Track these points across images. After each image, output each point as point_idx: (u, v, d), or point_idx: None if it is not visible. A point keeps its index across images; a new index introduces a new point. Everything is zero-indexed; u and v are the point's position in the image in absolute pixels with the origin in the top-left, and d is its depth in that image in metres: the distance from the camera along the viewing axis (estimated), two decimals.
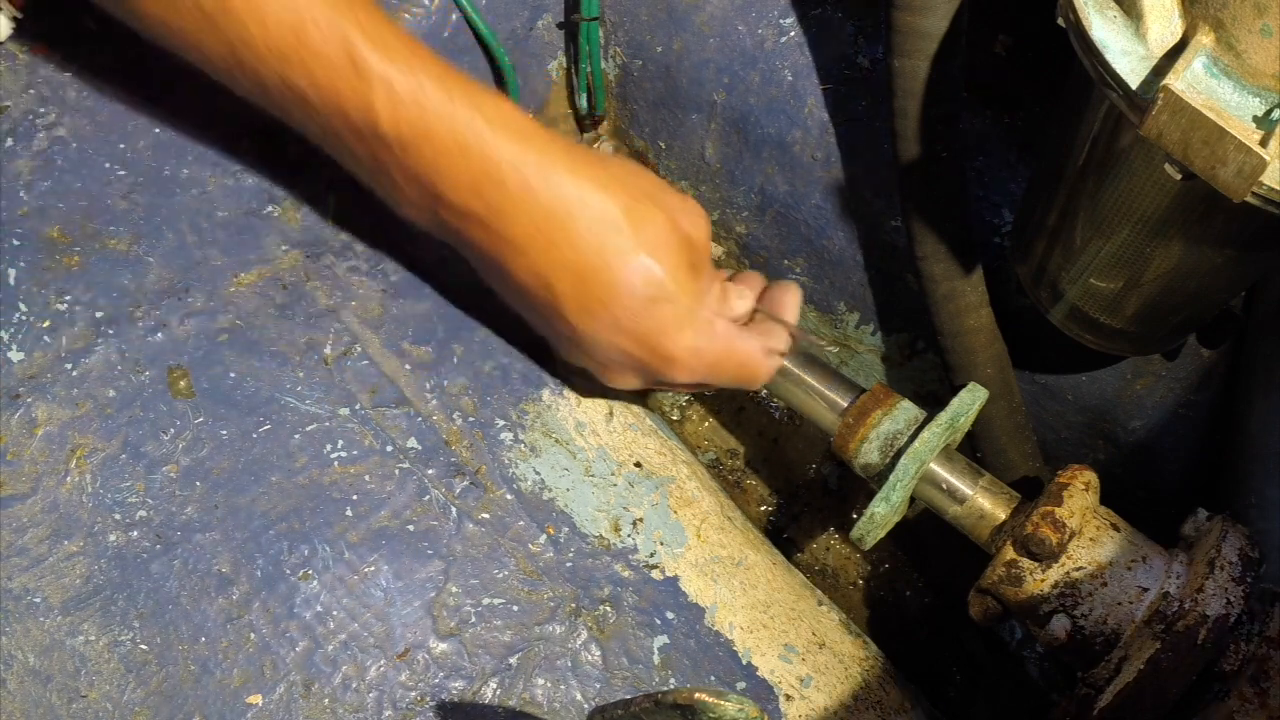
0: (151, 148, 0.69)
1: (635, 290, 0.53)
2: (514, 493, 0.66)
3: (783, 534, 0.96)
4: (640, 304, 0.53)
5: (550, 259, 0.52)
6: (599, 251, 0.52)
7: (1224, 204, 0.50)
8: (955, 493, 0.69)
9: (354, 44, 0.48)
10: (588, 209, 0.51)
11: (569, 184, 0.51)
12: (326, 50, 0.48)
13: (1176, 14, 0.52)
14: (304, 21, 0.48)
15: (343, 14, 0.48)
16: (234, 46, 0.50)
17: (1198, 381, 0.80)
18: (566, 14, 0.87)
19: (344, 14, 0.48)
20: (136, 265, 0.66)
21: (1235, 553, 0.60)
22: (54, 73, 0.70)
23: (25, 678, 0.56)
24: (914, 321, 0.88)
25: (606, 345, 0.56)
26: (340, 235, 0.71)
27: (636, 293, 0.53)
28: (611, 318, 0.54)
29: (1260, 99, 0.49)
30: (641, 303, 0.53)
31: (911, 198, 0.74)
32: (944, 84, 0.68)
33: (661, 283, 0.54)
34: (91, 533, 0.59)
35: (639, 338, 0.55)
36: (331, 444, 0.64)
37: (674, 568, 0.67)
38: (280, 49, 0.49)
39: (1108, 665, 0.61)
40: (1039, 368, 0.84)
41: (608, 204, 0.52)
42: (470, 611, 0.62)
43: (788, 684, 0.65)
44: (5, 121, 0.67)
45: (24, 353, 0.62)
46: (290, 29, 0.48)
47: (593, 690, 0.62)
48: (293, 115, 0.53)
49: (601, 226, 0.52)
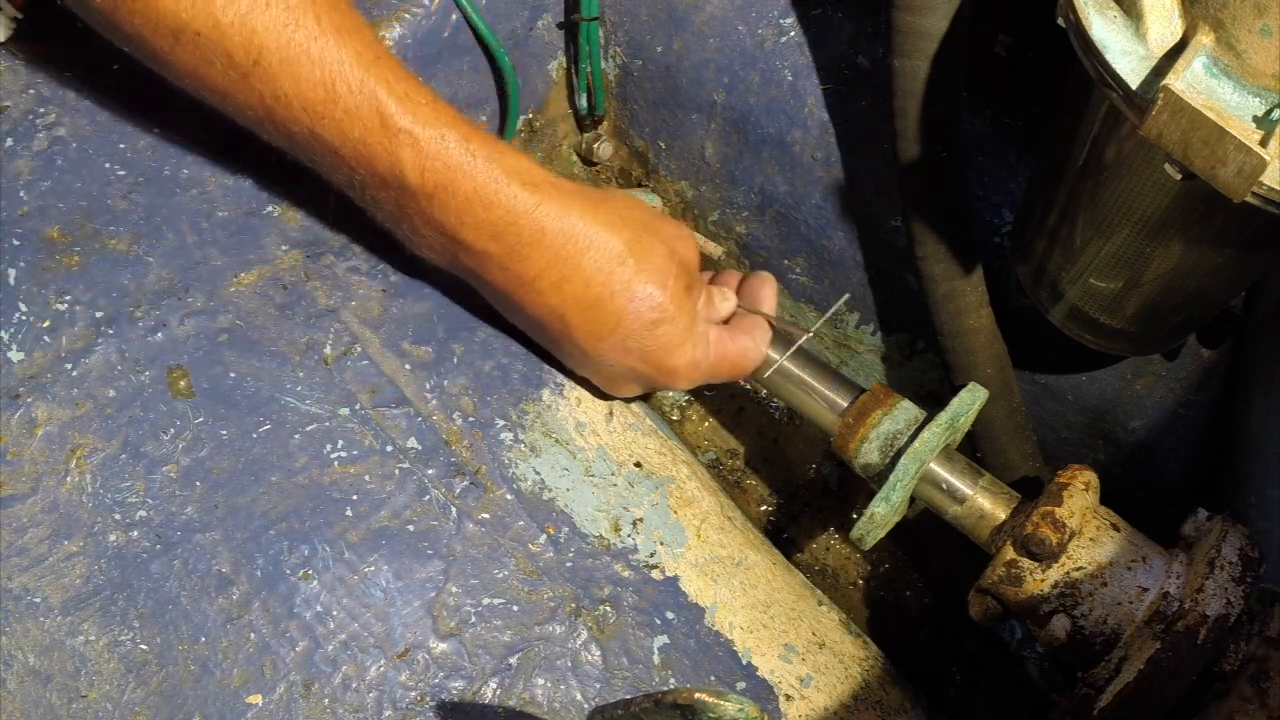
0: (151, 148, 0.69)
1: (640, 316, 0.58)
2: (514, 493, 0.66)
3: (783, 534, 0.96)
4: (644, 327, 0.58)
5: (562, 293, 0.57)
6: (606, 283, 0.57)
7: (1224, 204, 0.50)
8: (955, 493, 0.69)
9: (383, 102, 0.52)
10: (594, 247, 0.56)
11: (579, 225, 0.56)
12: (357, 107, 0.52)
13: (1176, 14, 0.52)
14: (335, 80, 0.51)
15: (373, 74, 0.52)
16: (265, 100, 0.53)
17: (1198, 381, 0.80)
18: (566, 14, 0.87)
19: (374, 74, 0.52)
20: (136, 265, 0.66)
21: (1235, 553, 0.60)
22: (54, 73, 0.70)
23: (25, 678, 0.56)
24: (914, 321, 0.88)
25: (613, 364, 0.61)
26: (340, 235, 0.71)
27: (641, 318, 0.58)
28: (619, 340, 0.59)
29: (1260, 99, 0.49)
30: (646, 325, 0.58)
31: (911, 198, 0.74)
32: (944, 84, 0.68)
33: (663, 306, 0.59)
34: (91, 533, 0.59)
35: (644, 356, 0.60)
36: (331, 444, 0.64)
37: (674, 568, 0.67)
38: (312, 105, 0.52)
39: (1108, 665, 0.61)
40: (1039, 368, 0.84)
41: (613, 240, 0.57)
42: (470, 611, 0.62)
43: (788, 684, 0.65)
44: (5, 121, 0.67)
45: (24, 353, 0.62)
46: (322, 87, 0.51)
47: (593, 690, 0.62)
48: (320, 164, 0.56)
49: (608, 261, 0.57)
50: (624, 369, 0.61)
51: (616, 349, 0.59)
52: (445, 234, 0.55)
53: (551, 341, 0.63)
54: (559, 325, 0.59)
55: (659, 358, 0.60)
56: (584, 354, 0.61)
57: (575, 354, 0.62)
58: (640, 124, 0.91)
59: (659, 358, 0.60)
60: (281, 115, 0.53)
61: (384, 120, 0.52)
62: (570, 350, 0.62)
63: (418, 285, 0.71)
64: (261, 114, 0.54)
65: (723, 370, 0.66)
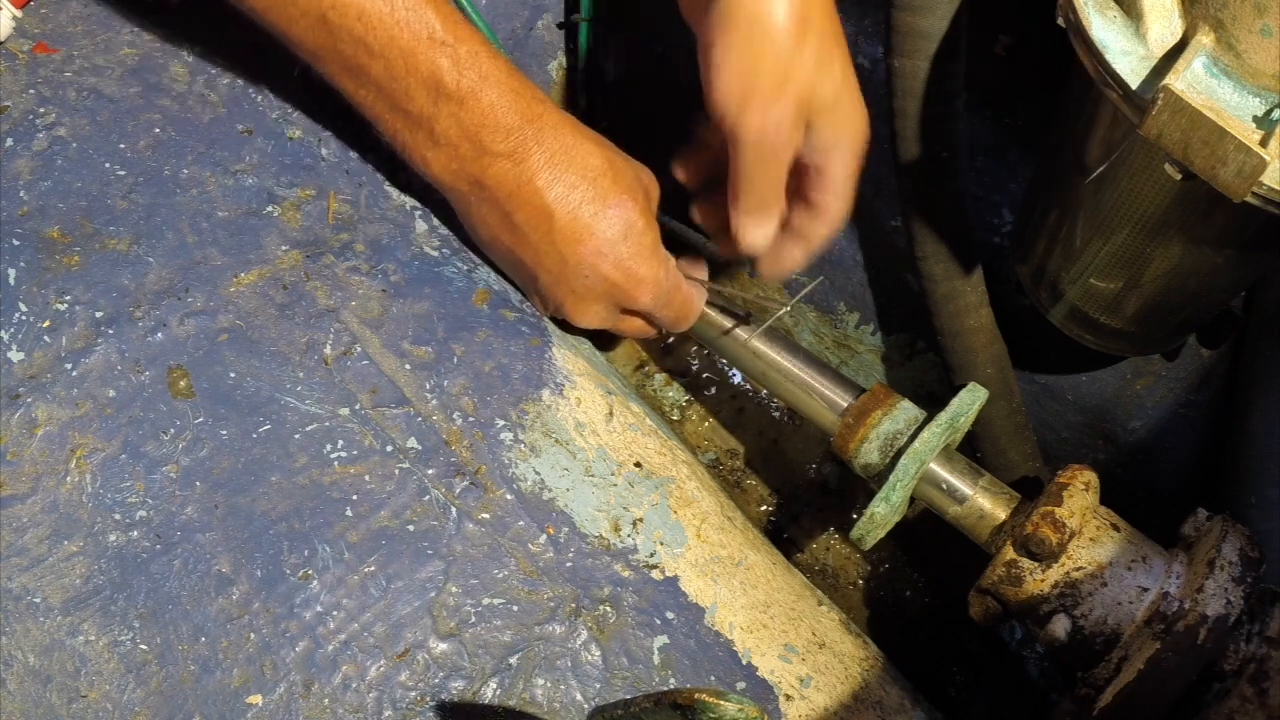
0: (151, 148, 0.69)
1: (617, 220, 0.66)
2: (514, 493, 0.66)
3: (783, 534, 0.96)
4: (620, 232, 0.66)
5: (553, 194, 0.65)
6: (589, 189, 0.65)
7: (1224, 204, 0.50)
8: (955, 493, 0.69)
9: (431, 19, 0.62)
10: (582, 156, 0.66)
11: (570, 138, 0.66)
12: (409, 22, 0.61)
13: (1176, 14, 0.52)
14: (395, 8, 0.62)
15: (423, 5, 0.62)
16: (322, 7, 0.61)
17: (1198, 381, 0.80)
18: (566, 14, 0.87)
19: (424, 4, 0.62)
20: (136, 265, 0.66)
21: (1235, 553, 0.60)
22: (54, 73, 0.70)
23: (25, 678, 0.56)
24: (914, 321, 0.88)
25: (589, 270, 0.67)
26: (340, 235, 0.71)
27: (618, 222, 0.66)
28: (596, 246, 0.66)
29: (1260, 99, 0.49)
30: (621, 231, 0.66)
31: (911, 198, 0.74)
32: (944, 84, 0.68)
33: (634, 219, 0.67)
34: (91, 533, 0.59)
35: (618, 262, 0.67)
36: (331, 444, 0.64)
37: (674, 568, 0.67)
38: (367, 15, 0.61)
39: (1108, 665, 0.61)
40: (1039, 368, 0.84)
41: (596, 154, 0.66)
42: (470, 611, 0.62)
43: (788, 684, 0.65)
44: (5, 121, 0.67)
45: (24, 353, 0.62)
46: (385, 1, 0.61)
47: (593, 690, 0.62)
48: (352, 72, 0.64)
49: (591, 171, 0.66)
50: (597, 278, 0.67)
51: (593, 253, 0.66)
52: (467, 135, 0.63)
53: (533, 253, 0.67)
54: (544, 230, 0.66)
55: (631, 265, 0.67)
56: (561, 262, 0.67)
57: (553, 267, 0.67)
58: (640, 124, 0.91)
59: (631, 265, 0.67)
60: (335, 22, 0.61)
61: (431, 34, 0.62)
62: (550, 264, 0.67)
63: (418, 285, 0.71)
64: (313, 19, 0.61)
65: (675, 302, 0.72)
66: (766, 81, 0.58)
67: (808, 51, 0.58)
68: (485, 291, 0.73)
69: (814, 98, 0.59)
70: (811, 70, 0.58)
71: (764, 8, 0.56)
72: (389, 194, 0.74)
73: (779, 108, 0.58)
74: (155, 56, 0.73)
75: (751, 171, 0.62)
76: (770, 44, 0.57)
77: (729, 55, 0.58)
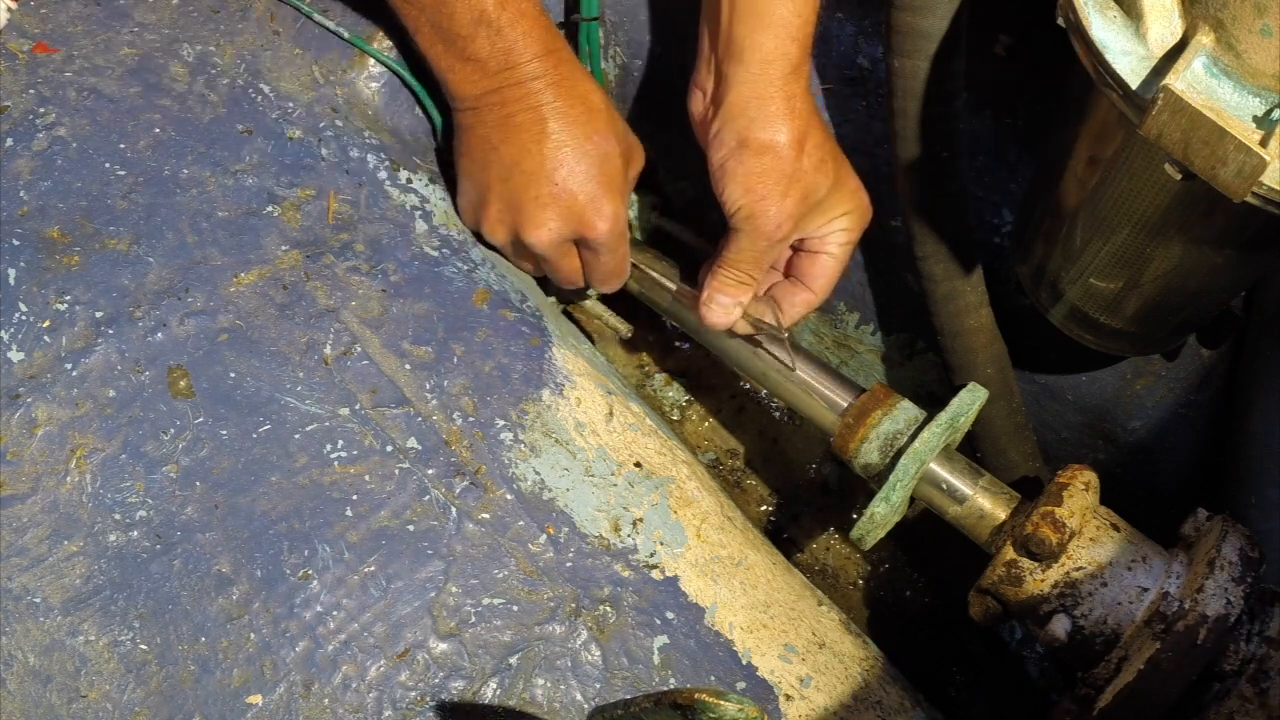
0: (151, 148, 0.69)
1: (596, 148, 0.72)
2: (514, 493, 0.66)
3: (783, 534, 0.96)
4: (596, 159, 0.72)
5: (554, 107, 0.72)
6: (584, 115, 0.72)
7: (1224, 204, 0.50)
8: (955, 493, 0.69)
9: None
10: (588, 90, 0.73)
11: (581, 74, 0.73)
12: None
13: (1176, 14, 0.52)
14: None
15: None
16: None
17: (1198, 381, 0.80)
18: (566, 14, 0.87)
19: None
20: (136, 265, 0.66)
21: (1235, 553, 0.60)
22: (54, 73, 0.70)
23: (25, 678, 0.56)
24: (914, 321, 0.88)
25: (560, 179, 0.71)
26: (340, 235, 0.71)
27: (596, 150, 0.72)
28: (574, 157, 0.71)
29: (1260, 99, 0.49)
30: (597, 160, 0.72)
31: (911, 198, 0.74)
32: (944, 84, 0.68)
33: (613, 156, 0.73)
34: (91, 533, 0.59)
35: (587, 178, 0.71)
36: (331, 444, 0.64)
37: (674, 568, 0.67)
38: None
39: (1108, 665, 0.61)
40: (1039, 368, 0.84)
41: (598, 95, 0.74)
42: (470, 611, 0.62)
43: (788, 684, 0.65)
44: (5, 121, 0.68)
45: (24, 353, 0.62)
46: None
47: (593, 690, 0.62)
48: None
49: (591, 105, 0.72)
50: (564, 190, 0.71)
51: (570, 162, 0.71)
52: (496, 56, 0.70)
53: (516, 151, 0.72)
54: (535, 132, 0.71)
55: (597, 191, 0.72)
56: (540, 162, 0.71)
57: (530, 167, 0.72)
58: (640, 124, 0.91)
59: (597, 191, 0.72)
60: None
61: None
62: (528, 164, 0.72)
63: (418, 285, 0.71)
64: None
65: (620, 252, 0.76)
66: (775, 188, 0.68)
67: (806, 160, 0.69)
68: (485, 291, 0.73)
69: (813, 193, 0.70)
70: (811, 173, 0.69)
71: (769, 136, 0.68)
72: (389, 194, 0.74)
73: (786, 204, 0.69)
74: (155, 56, 0.73)
75: (747, 252, 0.71)
76: (777, 160, 0.68)
77: (740, 168, 0.69)
